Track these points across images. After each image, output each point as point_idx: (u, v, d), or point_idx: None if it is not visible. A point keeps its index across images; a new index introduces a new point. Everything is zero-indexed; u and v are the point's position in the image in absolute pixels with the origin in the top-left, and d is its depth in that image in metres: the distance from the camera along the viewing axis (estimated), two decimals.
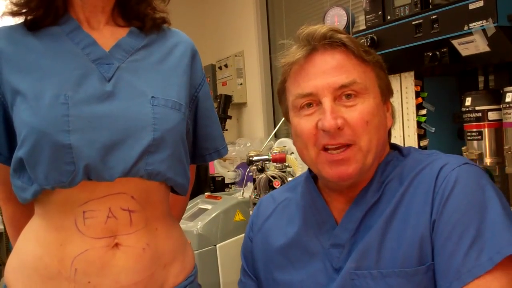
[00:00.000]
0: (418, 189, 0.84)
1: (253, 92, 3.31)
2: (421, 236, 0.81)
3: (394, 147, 0.97)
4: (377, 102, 0.89)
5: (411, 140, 1.52)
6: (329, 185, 0.93)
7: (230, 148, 2.48)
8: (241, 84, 3.37)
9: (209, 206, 2.15)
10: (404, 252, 0.82)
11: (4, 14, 0.99)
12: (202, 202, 2.25)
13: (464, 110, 1.38)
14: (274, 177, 1.94)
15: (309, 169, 0.98)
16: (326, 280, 0.89)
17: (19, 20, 0.99)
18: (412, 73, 1.51)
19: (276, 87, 0.97)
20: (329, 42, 0.87)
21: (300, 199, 0.99)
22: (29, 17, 0.97)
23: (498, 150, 1.32)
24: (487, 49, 1.24)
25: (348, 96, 0.86)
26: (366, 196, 0.89)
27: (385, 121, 0.91)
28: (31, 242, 0.95)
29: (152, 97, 0.94)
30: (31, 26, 0.97)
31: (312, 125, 0.87)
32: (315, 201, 0.95)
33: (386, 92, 0.92)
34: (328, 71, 0.86)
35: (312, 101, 0.87)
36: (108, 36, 0.99)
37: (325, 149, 0.86)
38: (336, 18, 1.76)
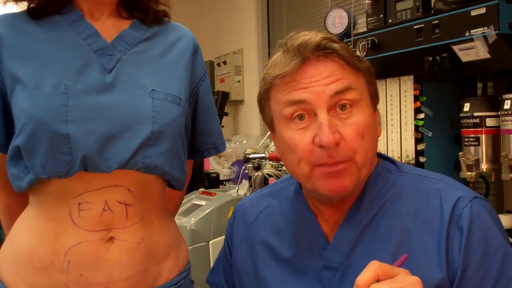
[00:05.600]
0: (426, 221, 0.82)
1: (250, 90, 3.30)
2: (428, 273, 0.78)
3: (381, 156, 0.94)
4: (370, 111, 0.85)
5: (408, 144, 1.53)
6: (320, 198, 0.89)
7: (225, 145, 2.48)
8: (239, 81, 3.36)
9: (203, 202, 2.15)
10: None
11: (7, 1, 0.98)
12: (196, 198, 2.24)
13: (462, 115, 1.38)
14: (270, 175, 1.94)
15: (298, 183, 0.93)
16: None
17: (22, 7, 0.98)
18: (411, 77, 1.51)
19: (258, 96, 0.90)
20: (323, 53, 0.82)
21: (291, 215, 0.95)
22: (32, 5, 0.97)
23: (495, 157, 1.33)
24: (488, 56, 1.25)
25: (343, 107, 0.81)
26: (358, 214, 0.86)
27: (377, 131, 0.88)
28: (25, 232, 0.94)
29: (152, 90, 0.94)
30: (34, 14, 0.97)
31: (308, 141, 0.81)
32: (305, 218, 0.91)
33: (375, 100, 0.89)
34: (321, 79, 0.81)
35: (305, 111, 0.82)
36: (110, 27, 0.99)
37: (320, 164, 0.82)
38: (337, 19, 1.76)
